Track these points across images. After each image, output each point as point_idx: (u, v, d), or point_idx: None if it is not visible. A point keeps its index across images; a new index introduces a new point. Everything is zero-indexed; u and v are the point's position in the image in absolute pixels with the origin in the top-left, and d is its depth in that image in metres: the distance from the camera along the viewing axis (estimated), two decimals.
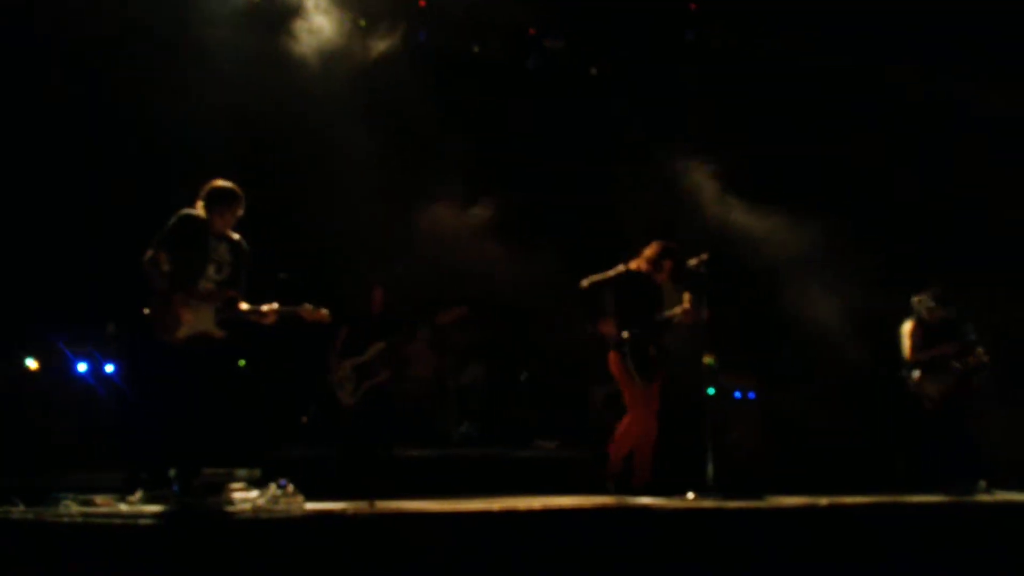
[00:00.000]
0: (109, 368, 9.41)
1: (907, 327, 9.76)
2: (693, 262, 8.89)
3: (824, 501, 7.55)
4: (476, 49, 11.92)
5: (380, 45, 11.20)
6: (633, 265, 8.97)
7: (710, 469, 8.45)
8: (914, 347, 9.71)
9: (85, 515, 6.04)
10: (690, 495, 8.45)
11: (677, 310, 8.88)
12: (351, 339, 9.70)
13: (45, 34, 9.76)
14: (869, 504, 7.58)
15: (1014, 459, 9.43)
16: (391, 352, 9.60)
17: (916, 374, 9.74)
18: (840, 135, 12.03)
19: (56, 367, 9.28)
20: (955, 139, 11.70)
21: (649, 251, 8.95)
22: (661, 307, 8.94)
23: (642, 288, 8.89)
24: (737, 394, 11.50)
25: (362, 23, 11.14)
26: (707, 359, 8.90)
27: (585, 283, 8.93)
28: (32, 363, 9.29)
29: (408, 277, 10.65)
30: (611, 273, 8.96)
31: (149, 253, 7.21)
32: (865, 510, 7.48)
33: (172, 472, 6.98)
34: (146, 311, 7.22)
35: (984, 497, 8.81)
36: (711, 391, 8.91)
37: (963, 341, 9.60)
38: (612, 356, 8.90)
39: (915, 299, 9.83)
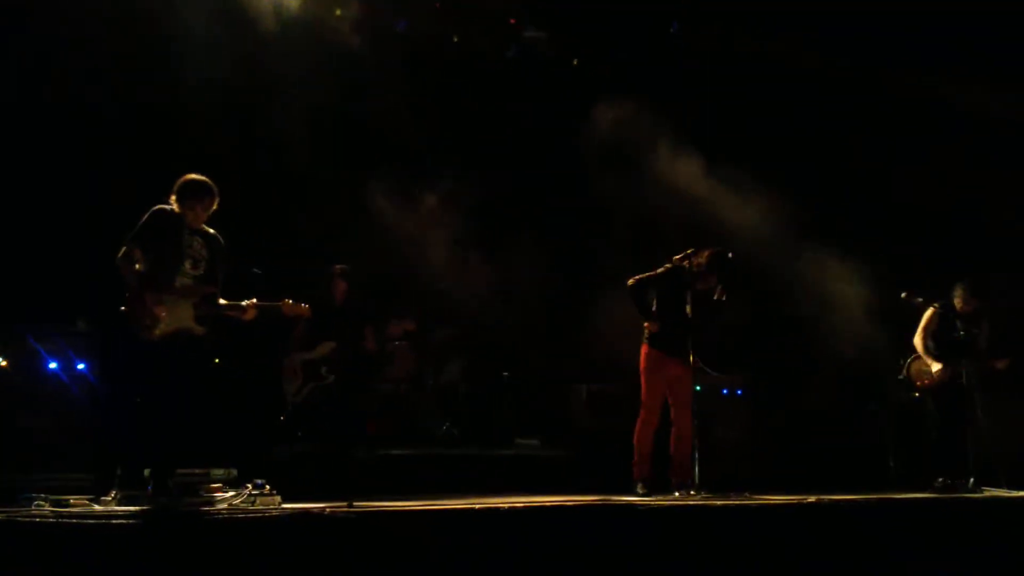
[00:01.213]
0: (81, 366, 9.26)
1: (929, 311, 9.68)
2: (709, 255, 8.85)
3: (812, 498, 7.48)
4: (455, 39, 11.83)
5: (357, 35, 11.13)
6: (681, 261, 8.86)
7: (696, 467, 8.38)
8: (924, 331, 9.63)
9: (58, 515, 5.91)
10: (676, 492, 8.42)
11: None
12: (308, 332, 9.41)
13: None
14: (858, 501, 7.52)
15: (1003, 456, 9.37)
16: (341, 353, 9.34)
17: (911, 358, 9.69)
18: (837, 132, 12.01)
19: (27, 364, 9.13)
20: (954, 138, 11.69)
21: (702, 258, 8.82)
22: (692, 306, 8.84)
23: (680, 286, 8.79)
24: (725, 391, 11.43)
25: (338, 12, 11.06)
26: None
27: (631, 281, 8.96)
28: (1, 361, 9.13)
29: (374, 275, 10.56)
30: (658, 271, 8.95)
31: (123, 249, 7.11)
32: (853, 507, 7.42)
33: (147, 472, 6.87)
34: (122, 308, 7.10)
35: (973, 494, 8.76)
36: (698, 388, 8.86)
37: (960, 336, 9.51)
38: (644, 349, 8.92)
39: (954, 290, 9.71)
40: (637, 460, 8.85)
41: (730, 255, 8.78)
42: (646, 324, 8.93)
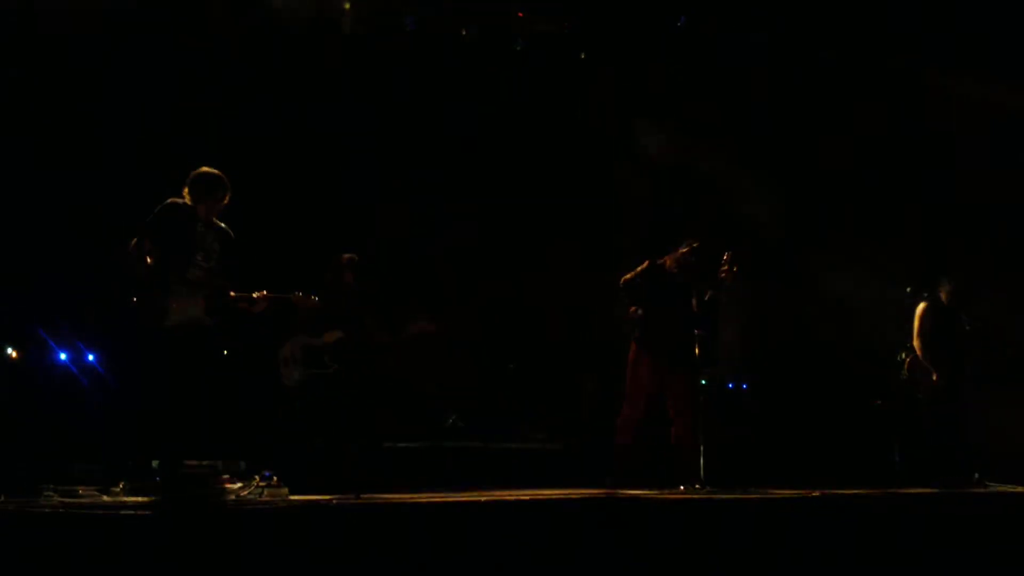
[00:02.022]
0: (91, 357, 9.30)
1: (919, 309, 9.66)
2: (685, 250, 8.85)
3: (816, 492, 7.49)
4: (464, 32, 11.81)
5: (367, 28, 11.14)
6: (660, 260, 8.91)
7: (701, 460, 8.40)
8: (920, 330, 9.61)
9: (67, 506, 5.94)
10: (681, 487, 8.42)
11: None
12: (312, 320, 9.38)
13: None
14: (862, 495, 7.53)
15: (1007, 451, 9.38)
16: (347, 344, 9.28)
17: (907, 357, 9.67)
18: (840, 127, 11.99)
19: (37, 355, 9.16)
20: (956, 134, 11.68)
21: (681, 251, 8.87)
22: (681, 302, 8.86)
23: (662, 283, 8.81)
24: (730, 385, 11.44)
25: (347, 6, 11.07)
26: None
27: (621, 282, 9.04)
28: (12, 352, 9.17)
29: (382, 268, 10.58)
30: (638, 269, 8.99)
31: (134, 241, 7.15)
32: (858, 501, 7.42)
33: (155, 463, 6.90)
34: (132, 299, 7.13)
35: (978, 489, 8.76)
36: (704, 382, 8.87)
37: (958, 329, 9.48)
38: (632, 345, 8.98)
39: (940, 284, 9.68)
40: (614, 453, 8.92)
41: (731, 252, 8.78)
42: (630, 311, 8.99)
